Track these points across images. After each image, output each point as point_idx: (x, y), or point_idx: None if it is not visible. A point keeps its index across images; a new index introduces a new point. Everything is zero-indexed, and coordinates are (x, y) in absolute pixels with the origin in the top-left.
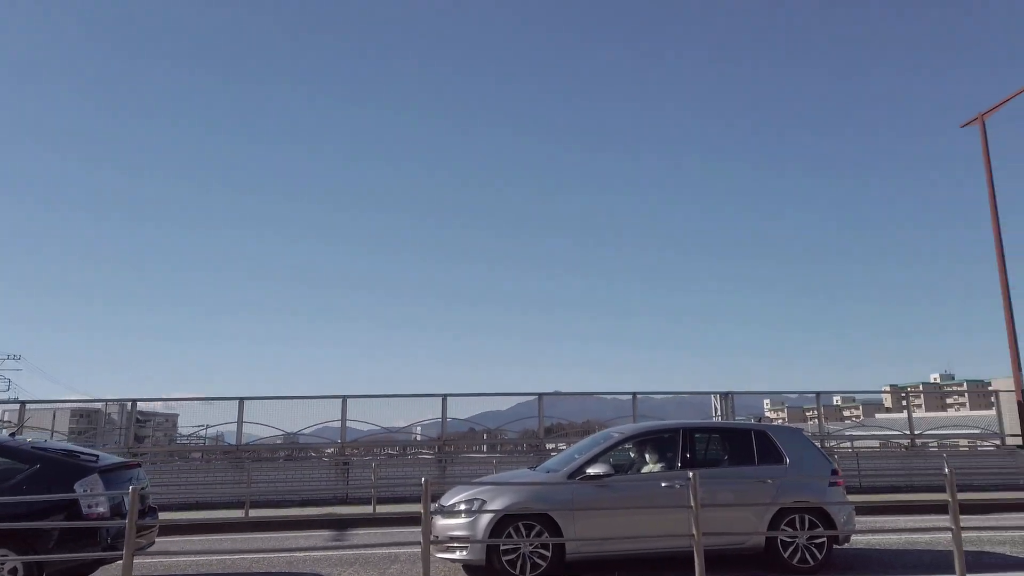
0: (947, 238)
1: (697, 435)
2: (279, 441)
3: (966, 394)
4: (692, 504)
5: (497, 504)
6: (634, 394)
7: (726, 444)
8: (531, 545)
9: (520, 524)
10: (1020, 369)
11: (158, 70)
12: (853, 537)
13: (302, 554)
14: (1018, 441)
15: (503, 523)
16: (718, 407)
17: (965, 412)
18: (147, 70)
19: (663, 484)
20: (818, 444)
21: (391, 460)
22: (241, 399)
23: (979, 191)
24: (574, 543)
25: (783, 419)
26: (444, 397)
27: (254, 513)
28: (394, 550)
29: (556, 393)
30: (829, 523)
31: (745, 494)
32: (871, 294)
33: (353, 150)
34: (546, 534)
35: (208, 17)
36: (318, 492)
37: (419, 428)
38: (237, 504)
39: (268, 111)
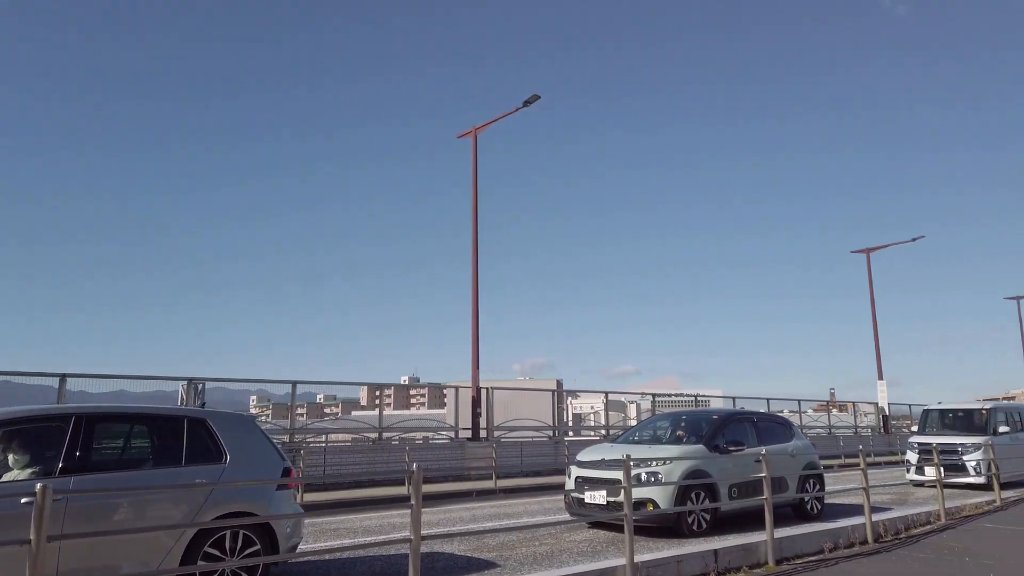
0: (434, 247)
1: (102, 424)
2: None
3: (426, 393)
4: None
5: None
6: (63, 376)
7: (151, 437)
8: None
9: None
10: (478, 368)
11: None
12: (303, 545)
13: None
14: (467, 434)
15: None
16: (186, 399)
17: (425, 411)
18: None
19: (23, 500)
20: (286, 439)
21: None
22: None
23: (463, 202)
24: None
25: (268, 416)
26: None
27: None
28: None
29: None
30: (272, 538)
31: (158, 508)
32: (357, 295)
33: None
34: None
35: None
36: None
37: None
38: None
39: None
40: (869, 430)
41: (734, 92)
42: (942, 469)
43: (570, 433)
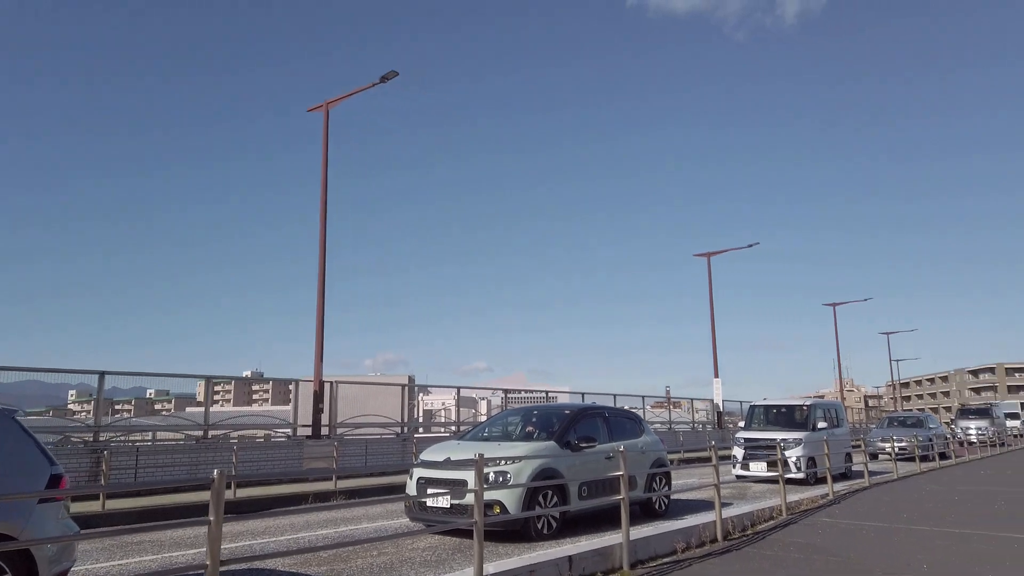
0: (273, 238)
1: None
2: None
3: (271, 389)
4: None
5: None
6: None
7: None
8: None
9: None
10: (321, 360)
11: None
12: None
13: None
14: (308, 432)
15: None
16: None
17: (268, 407)
18: None
19: None
20: (90, 437)
21: None
22: None
23: (315, 192)
24: None
25: (88, 413)
26: None
27: None
28: None
29: None
30: (30, 564)
31: None
32: (187, 287)
33: None
34: None
35: None
36: None
37: None
38: None
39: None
40: (701, 426)
41: (596, 102)
42: (765, 464)
43: (420, 430)
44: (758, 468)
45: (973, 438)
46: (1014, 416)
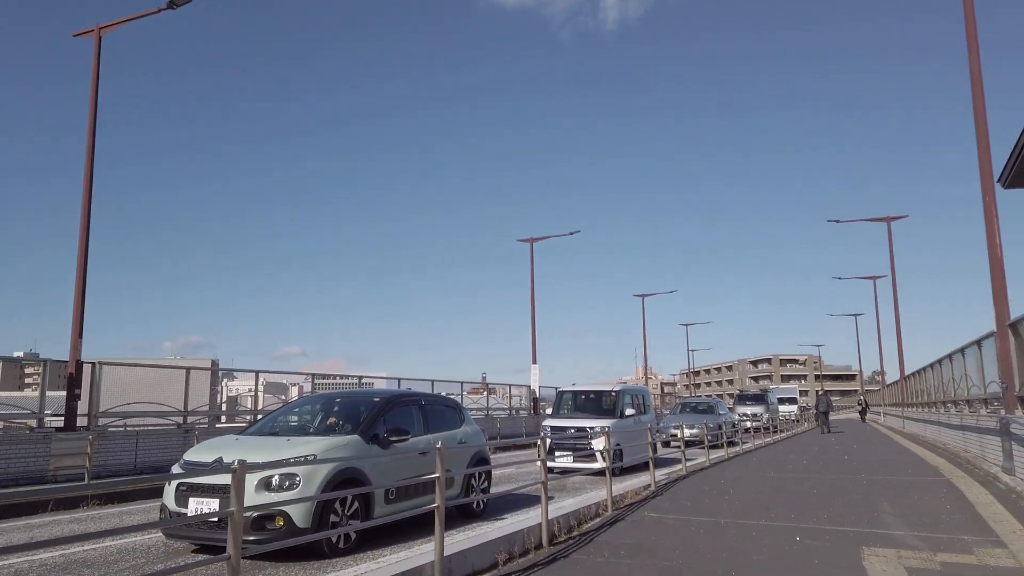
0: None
1: None
2: None
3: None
4: None
5: None
6: None
7: None
8: None
9: None
10: (80, 336)
11: None
12: None
13: None
14: (60, 422)
15: None
16: None
17: (35, 393)
18: None
19: None
20: None
21: None
22: None
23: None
24: None
25: None
26: None
27: None
28: None
29: None
30: None
31: None
32: None
33: None
34: None
35: None
36: None
37: None
38: None
39: None
40: (517, 411)
41: (415, 78)
42: (570, 453)
43: (223, 419)
44: (564, 458)
45: (748, 424)
46: (790, 401)
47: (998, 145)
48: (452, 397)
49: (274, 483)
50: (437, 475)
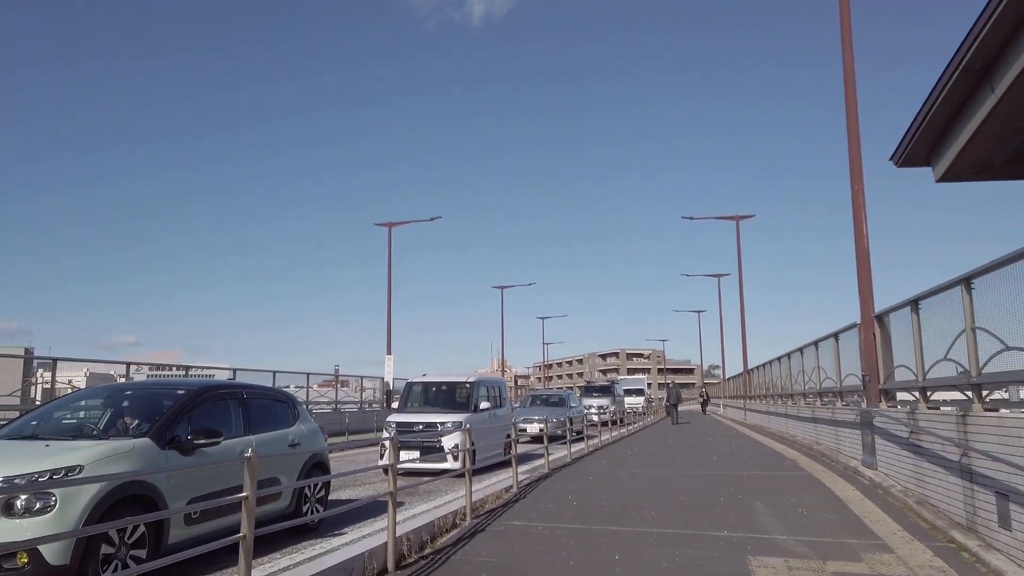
0: None
1: None
2: None
3: None
4: None
5: None
6: None
7: None
8: None
9: None
10: None
11: None
12: None
13: None
14: None
15: None
16: None
17: None
18: None
19: None
20: None
21: None
22: None
23: None
24: None
25: None
26: None
27: None
28: None
29: None
30: None
31: None
32: None
33: None
34: None
35: None
36: None
37: None
38: None
39: None
40: (370, 405)
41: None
42: (417, 452)
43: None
44: (411, 457)
45: (595, 418)
46: (637, 393)
47: (869, 142)
48: (285, 390)
49: (18, 506)
50: (246, 494)
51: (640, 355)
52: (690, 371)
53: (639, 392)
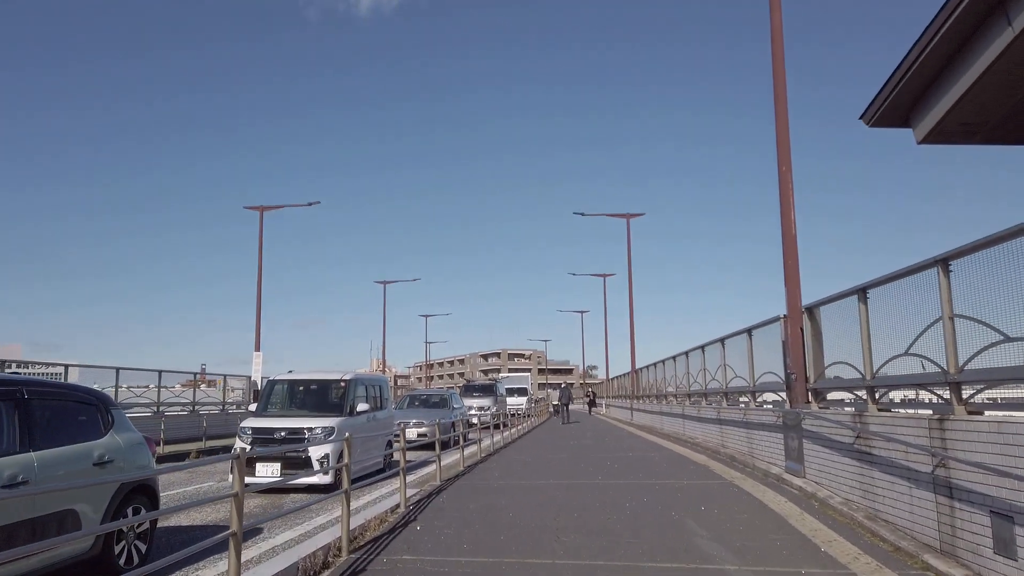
0: None
1: None
2: None
3: None
4: None
5: None
6: None
7: None
8: None
9: None
10: None
11: None
12: None
13: None
14: None
15: None
16: None
17: None
18: None
19: None
20: None
21: None
22: None
23: None
24: None
25: None
26: None
27: None
28: None
29: None
30: None
31: None
32: None
33: None
34: None
35: None
36: None
37: None
38: None
39: None
40: (234, 406)
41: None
42: (278, 465)
43: None
44: (269, 472)
45: (475, 419)
46: (520, 392)
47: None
48: (96, 390)
49: None
50: None
51: (522, 355)
52: (569, 371)
53: (522, 392)
